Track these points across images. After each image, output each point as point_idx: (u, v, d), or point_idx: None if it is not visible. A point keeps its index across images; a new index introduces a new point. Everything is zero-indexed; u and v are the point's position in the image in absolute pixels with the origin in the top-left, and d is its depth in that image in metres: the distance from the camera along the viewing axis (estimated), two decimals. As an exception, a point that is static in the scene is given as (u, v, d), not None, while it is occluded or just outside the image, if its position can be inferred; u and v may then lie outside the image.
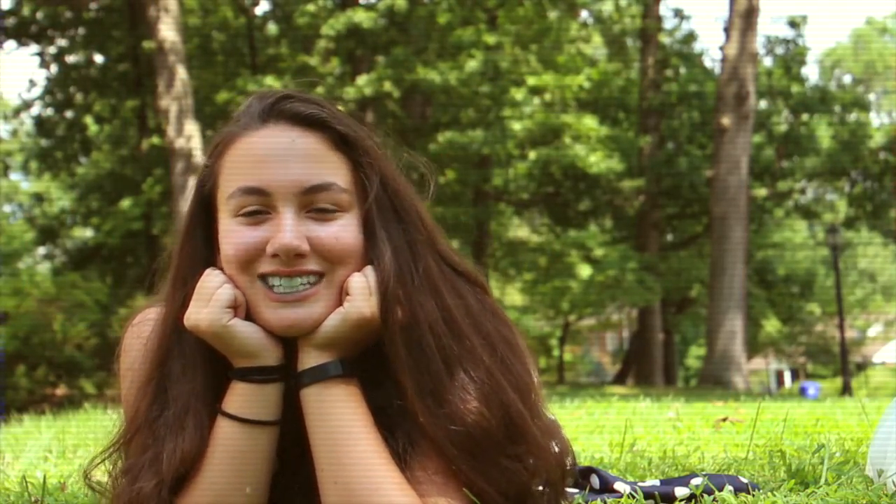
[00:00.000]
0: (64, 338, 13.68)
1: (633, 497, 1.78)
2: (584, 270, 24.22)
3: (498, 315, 1.57)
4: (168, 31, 17.27)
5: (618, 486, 1.86)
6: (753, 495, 1.80)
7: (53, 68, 23.38)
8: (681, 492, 1.82)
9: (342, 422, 1.42)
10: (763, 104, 24.37)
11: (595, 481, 1.90)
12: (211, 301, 1.43)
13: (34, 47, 22.92)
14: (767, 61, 25.03)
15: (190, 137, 16.43)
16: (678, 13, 26.31)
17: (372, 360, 1.48)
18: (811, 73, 42.66)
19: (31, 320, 13.82)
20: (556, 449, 1.55)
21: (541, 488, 1.52)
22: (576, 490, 1.85)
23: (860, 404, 3.08)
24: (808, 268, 32.94)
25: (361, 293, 1.44)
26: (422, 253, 1.50)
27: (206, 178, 1.53)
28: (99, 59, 23.50)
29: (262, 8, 24.91)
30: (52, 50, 23.10)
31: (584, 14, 23.71)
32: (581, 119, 21.17)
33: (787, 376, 44.02)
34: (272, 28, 23.23)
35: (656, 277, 22.45)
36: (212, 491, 1.42)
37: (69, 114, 23.84)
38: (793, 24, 24.61)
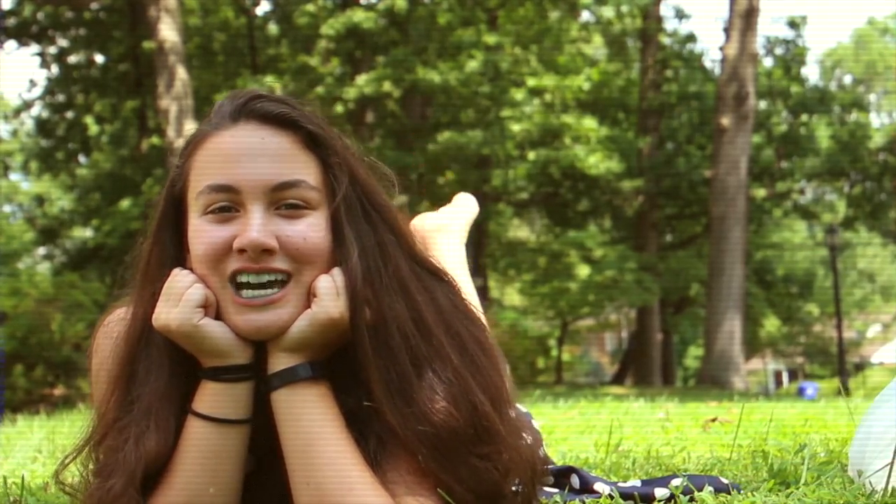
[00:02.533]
0: (62, 338, 13.67)
1: (612, 498, 1.78)
2: (584, 271, 24.25)
3: (470, 316, 1.57)
4: (168, 32, 17.29)
5: (597, 486, 1.87)
6: (732, 495, 1.81)
7: (54, 68, 23.41)
8: (660, 492, 1.83)
9: (313, 423, 1.43)
10: (763, 105, 24.38)
11: (575, 481, 1.90)
12: (181, 301, 1.43)
13: (35, 47, 22.95)
14: (767, 62, 25.04)
15: (189, 138, 16.43)
16: (678, 13, 26.29)
17: (342, 363, 1.48)
18: (812, 73, 42.66)
19: (29, 320, 13.81)
20: (527, 450, 1.55)
21: (514, 489, 1.53)
22: (555, 490, 1.86)
23: (847, 405, 3.09)
24: (807, 268, 32.94)
25: (329, 294, 1.44)
26: (391, 253, 1.50)
27: (176, 177, 1.53)
28: (99, 59, 23.52)
29: (262, 8, 24.96)
30: (52, 50, 23.12)
31: (585, 14, 23.72)
32: (581, 120, 21.19)
33: (785, 377, 43.99)
34: (273, 28, 23.26)
35: (655, 278, 22.47)
36: (186, 491, 1.43)
37: (69, 114, 23.85)
38: (792, 24, 24.62)
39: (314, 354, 1.46)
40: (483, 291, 24.90)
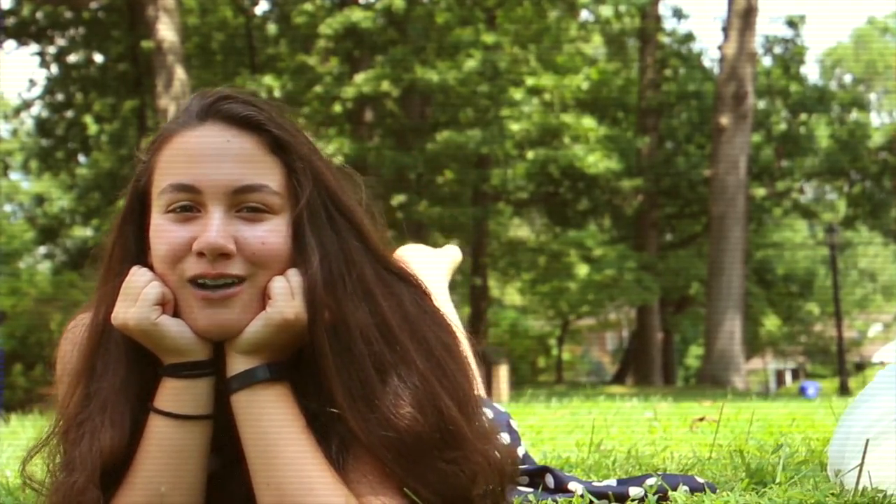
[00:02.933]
0: (61, 337, 13.70)
1: (583, 497, 1.79)
2: (583, 270, 24.29)
3: (438, 321, 1.57)
4: (167, 31, 17.31)
5: (572, 485, 1.87)
6: (705, 494, 1.81)
7: (53, 68, 23.43)
8: (634, 491, 1.83)
9: (273, 424, 1.43)
10: (762, 104, 24.39)
11: (550, 481, 1.91)
12: (139, 299, 1.44)
13: (34, 47, 22.97)
14: (766, 61, 25.05)
15: (188, 137, 16.44)
16: (677, 13, 26.31)
17: (305, 366, 1.48)
18: (812, 72, 42.68)
19: (27, 320, 13.83)
20: (496, 453, 1.54)
21: (483, 492, 1.53)
22: (530, 489, 1.87)
23: (830, 404, 3.09)
24: (808, 267, 32.95)
25: (283, 296, 1.44)
26: (356, 260, 1.50)
27: (141, 173, 1.53)
28: (98, 58, 23.54)
29: (261, 7, 24.99)
30: (51, 50, 23.14)
31: (583, 13, 23.72)
32: (580, 119, 21.21)
33: (788, 376, 43.99)
34: (271, 28, 23.27)
35: (655, 277, 22.49)
36: (148, 489, 1.43)
37: (69, 113, 23.88)
38: (791, 23, 24.62)
39: (272, 356, 1.46)
40: (483, 291, 24.94)
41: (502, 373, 17.58)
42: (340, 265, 1.48)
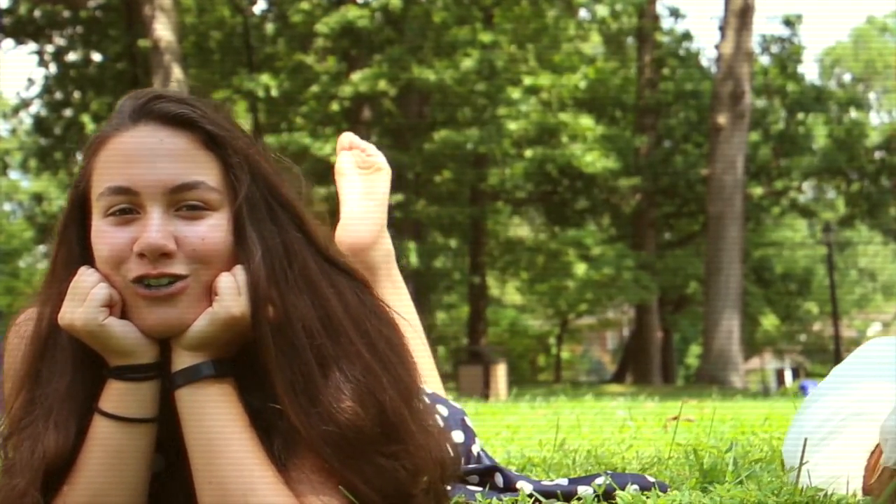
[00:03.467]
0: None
1: (532, 496, 1.80)
2: (581, 269, 24.29)
3: (380, 315, 1.57)
4: (164, 30, 17.34)
5: (520, 484, 1.87)
6: (652, 492, 1.82)
7: (52, 67, 23.45)
8: (583, 490, 1.84)
9: (216, 422, 1.43)
10: (759, 103, 24.38)
11: (499, 480, 1.91)
12: (86, 300, 1.44)
13: (32, 46, 22.99)
14: (764, 60, 25.03)
15: (184, 136, 16.46)
16: (673, 12, 26.31)
17: (248, 362, 1.48)
18: (812, 71, 42.62)
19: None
20: (438, 449, 1.54)
21: (426, 488, 1.53)
22: (478, 489, 1.87)
23: (794, 404, 3.10)
24: (806, 266, 32.92)
25: (230, 293, 1.44)
26: (298, 252, 1.50)
27: (80, 178, 1.53)
28: (97, 57, 23.55)
29: (258, 6, 24.99)
30: (49, 48, 23.16)
31: (582, 13, 23.71)
32: (577, 118, 21.22)
33: (788, 375, 43.92)
34: (269, 27, 23.27)
35: (653, 276, 22.49)
36: (89, 490, 1.43)
37: (67, 112, 23.88)
38: (788, 22, 24.61)
39: (217, 353, 1.46)
40: (482, 290, 24.95)
41: (500, 372, 17.57)
42: (282, 258, 1.48)
